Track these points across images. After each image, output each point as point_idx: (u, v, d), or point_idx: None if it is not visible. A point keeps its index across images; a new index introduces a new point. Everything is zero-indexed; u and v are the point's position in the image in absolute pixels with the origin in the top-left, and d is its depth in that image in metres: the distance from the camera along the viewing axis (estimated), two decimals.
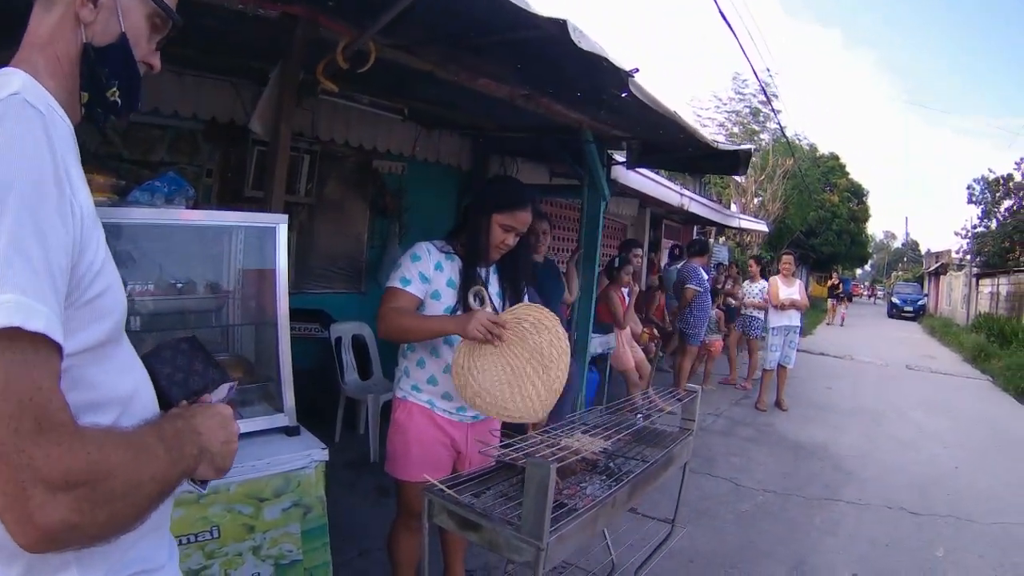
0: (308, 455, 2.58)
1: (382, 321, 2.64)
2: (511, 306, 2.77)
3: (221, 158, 5.36)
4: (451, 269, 2.76)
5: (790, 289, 8.99)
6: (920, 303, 37.93)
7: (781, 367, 9.13)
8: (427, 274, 2.71)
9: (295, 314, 4.11)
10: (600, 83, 3.73)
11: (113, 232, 1.96)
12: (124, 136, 4.81)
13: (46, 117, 0.90)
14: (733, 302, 10.85)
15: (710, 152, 5.58)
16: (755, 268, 10.44)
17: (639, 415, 3.22)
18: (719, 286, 13.15)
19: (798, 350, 9.43)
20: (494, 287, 2.89)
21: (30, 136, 0.86)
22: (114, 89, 1.11)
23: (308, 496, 2.57)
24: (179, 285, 2.83)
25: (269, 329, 2.86)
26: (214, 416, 1.15)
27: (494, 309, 2.72)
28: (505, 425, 2.88)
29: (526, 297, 2.93)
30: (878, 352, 18.07)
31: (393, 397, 2.87)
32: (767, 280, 9.64)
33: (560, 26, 2.75)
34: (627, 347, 7.05)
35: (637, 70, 3.40)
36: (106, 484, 0.83)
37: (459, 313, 2.67)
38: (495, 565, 3.90)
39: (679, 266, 9.17)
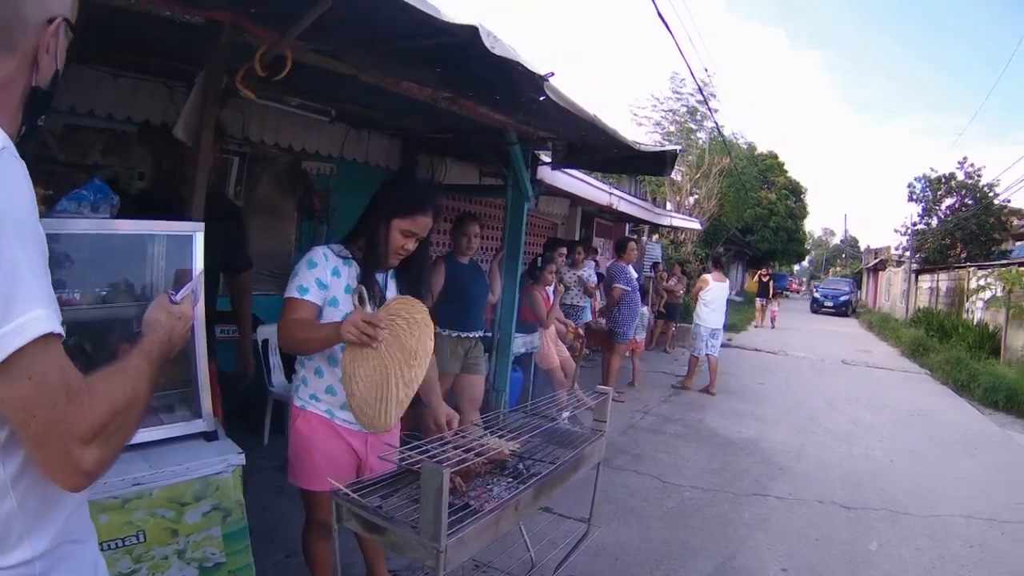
0: (225, 460, 2.57)
1: (281, 333, 2.61)
2: None
3: (153, 160, 5.29)
4: (349, 275, 2.70)
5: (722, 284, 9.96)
6: (843, 299, 37.10)
7: (710, 356, 9.91)
8: (324, 280, 2.65)
9: (225, 317, 4.11)
10: (518, 87, 3.78)
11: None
12: (60, 139, 4.72)
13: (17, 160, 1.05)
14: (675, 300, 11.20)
15: (636, 153, 5.63)
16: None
17: (564, 413, 3.30)
18: (662, 284, 13.45)
19: (734, 347, 9.74)
20: (392, 292, 2.84)
21: (16, 175, 1.03)
22: (42, 119, 1.24)
23: (227, 500, 2.57)
24: (102, 293, 2.80)
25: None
26: (159, 308, 1.51)
27: (374, 309, 2.62)
28: (407, 432, 2.90)
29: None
30: (813, 348, 18.26)
31: (291, 406, 2.83)
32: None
33: (472, 31, 2.75)
34: (551, 346, 7.13)
35: (552, 74, 3.43)
36: (119, 418, 1.11)
37: None
38: (419, 566, 3.87)
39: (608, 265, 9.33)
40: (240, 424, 3.36)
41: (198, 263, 2.70)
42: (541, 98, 3.76)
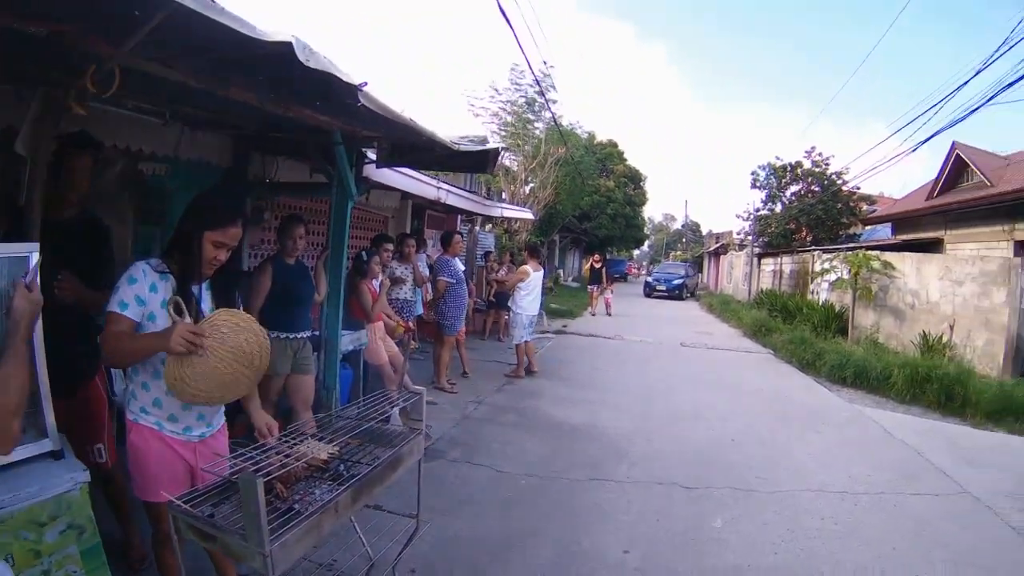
0: (72, 478, 2.57)
1: (104, 347, 2.65)
2: None
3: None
4: (165, 289, 2.76)
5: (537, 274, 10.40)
6: (676, 282, 36.14)
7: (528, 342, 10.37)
8: (143, 296, 2.70)
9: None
10: (337, 95, 3.90)
11: None
12: None
13: None
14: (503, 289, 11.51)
15: (458, 151, 5.81)
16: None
17: (394, 409, 3.45)
18: (491, 275, 13.70)
19: (570, 333, 10.10)
20: (207, 303, 2.92)
21: None
22: None
23: (80, 517, 2.57)
24: None
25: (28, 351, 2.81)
26: (21, 297, 1.85)
27: (193, 319, 2.73)
28: (238, 439, 3.00)
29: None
30: (652, 331, 18.48)
31: (126, 419, 2.86)
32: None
33: (287, 47, 2.84)
34: (380, 342, 7.21)
35: (366, 83, 3.61)
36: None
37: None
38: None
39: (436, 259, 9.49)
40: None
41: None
42: (358, 104, 3.90)
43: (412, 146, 5.93)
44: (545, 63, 23.67)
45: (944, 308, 13.87)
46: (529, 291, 10.39)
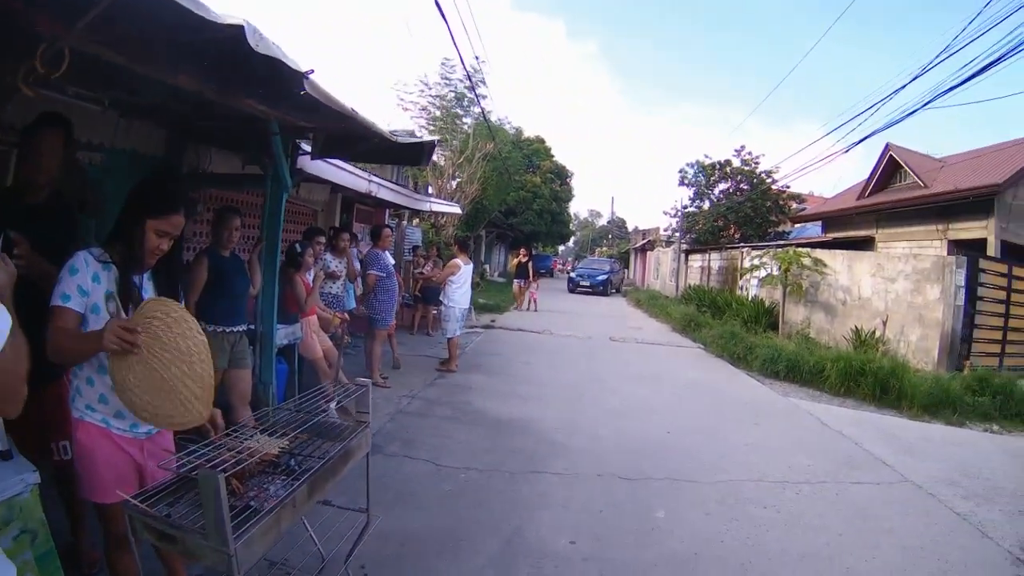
0: (22, 479, 2.45)
1: (48, 344, 2.51)
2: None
3: None
4: (108, 279, 2.68)
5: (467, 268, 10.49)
6: (601, 278, 35.33)
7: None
8: (85, 287, 2.61)
9: None
10: (283, 81, 3.84)
11: None
12: None
13: None
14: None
15: (394, 144, 5.80)
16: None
17: (331, 404, 3.40)
18: (416, 270, 13.63)
19: (498, 328, 10.11)
20: (149, 292, 2.84)
21: None
22: None
23: (32, 521, 2.45)
24: None
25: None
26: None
27: (126, 314, 2.64)
28: (182, 432, 2.90)
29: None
30: (581, 326, 18.54)
31: (71, 417, 2.74)
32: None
33: (238, 30, 2.81)
34: (314, 336, 7.12)
35: (312, 71, 3.57)
36: None
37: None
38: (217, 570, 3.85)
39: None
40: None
41: None
42: (302, 92, 3.84)
43: (347, 137, 5.88)
44: (477, 58, 23.65)
45: (876, 304, 14.34)
46: (460, 284, 10.42)
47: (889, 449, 7.46)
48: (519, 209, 38.47)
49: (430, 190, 22.83)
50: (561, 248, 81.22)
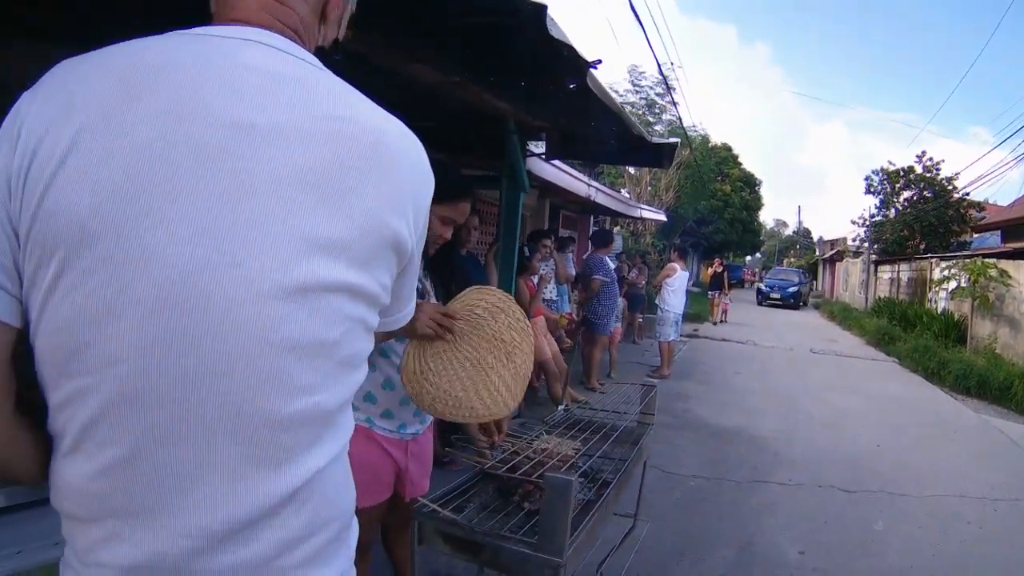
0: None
1: None
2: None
3: None
4: None
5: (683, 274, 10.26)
6: (792, 290, 33.18)
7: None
8: None
9: None
10: (551, 73, 3.64)
11: None
12: None
13: None
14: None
15: (633, 145, 5.56)
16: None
17: (560, 407, 3.22)
18: (623, 275, 13.44)
19: (702, 337, 9.78)
20: (428, 284, 2.64)
21: None
22: None
23: None
24: None
25: None
26: None
27: (439, 300, 2.46)
28: (443, 428, 2.68)
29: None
30: (780, 337, 18.28)
31: None
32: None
33: (538, 11, 2.64)
34: (543, 337, 6.96)
35: (600, 62, 3.32)
36: None
37: None
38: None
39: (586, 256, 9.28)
40: None
41: None
42: (572, 86, 3.63)
43: (581, 137, 5.70)
44: (671, 63, 23.23)
45: None
46: (676, 289, 10.23)
47: None
48: (711, 218, 37.52)
49: (625, 195, 22.60)
50: (747, 258, 78.71)
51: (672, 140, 6.30)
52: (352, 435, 2.40)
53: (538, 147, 6.46)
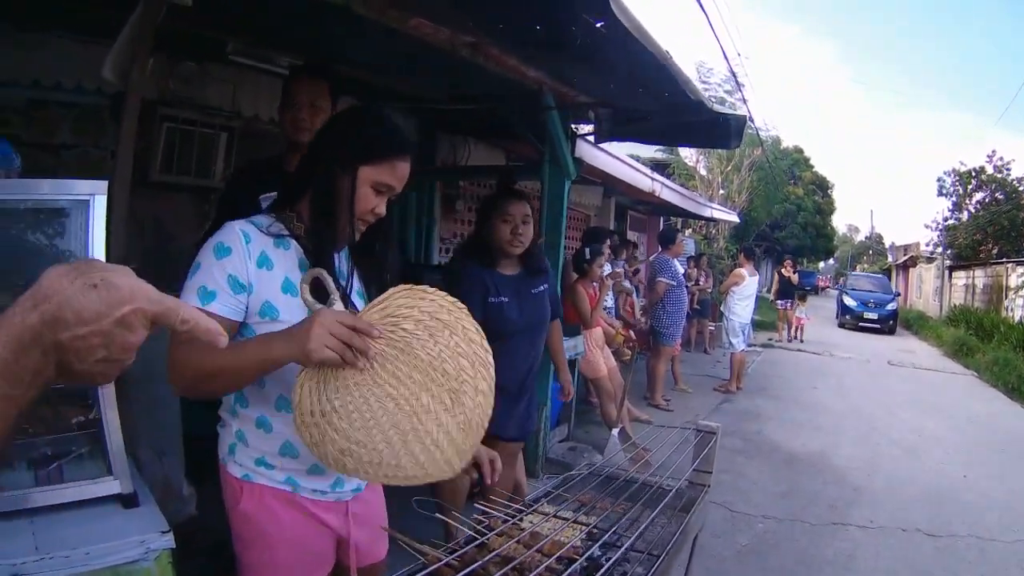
0: (144, 541, 1.66)
1: (171, 368, 1.51)
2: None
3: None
4: (287, 262, 1.65)
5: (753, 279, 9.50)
6: (891, 306, 23.81)
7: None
8: (243, 277, 1.57)
9: None
10: (569, 15, 2.85)
11: None
12: (24, 116, 4.02)
13: None
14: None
15: (691, 121, 4.71)
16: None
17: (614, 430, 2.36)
18: (690, 283, 12.65)
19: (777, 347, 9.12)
20: (356, 285, 1.82)
21: None
22: None
23: None
24: None
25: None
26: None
27: (348, 306, 1.63)
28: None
29: None
30: (856, 346, 17.55)
31: (226, 474, 1.73)
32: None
33: None
34: (598, 351, 6.13)
35: None
36: None
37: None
38: None
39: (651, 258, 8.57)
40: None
41: (97, 241, 1.79)
42: (599, 24, 2.81)
43: (635, 113, 4.88)
44: (739, 55, 22.23)
45: None
46: (743, 296, 9.40)
47: None
48: (784, 222, 36.54)
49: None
50: (821, 264, 76.99)
51: (738, 113, 5.38)
52: (271, 503, 1.67)
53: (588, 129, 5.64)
